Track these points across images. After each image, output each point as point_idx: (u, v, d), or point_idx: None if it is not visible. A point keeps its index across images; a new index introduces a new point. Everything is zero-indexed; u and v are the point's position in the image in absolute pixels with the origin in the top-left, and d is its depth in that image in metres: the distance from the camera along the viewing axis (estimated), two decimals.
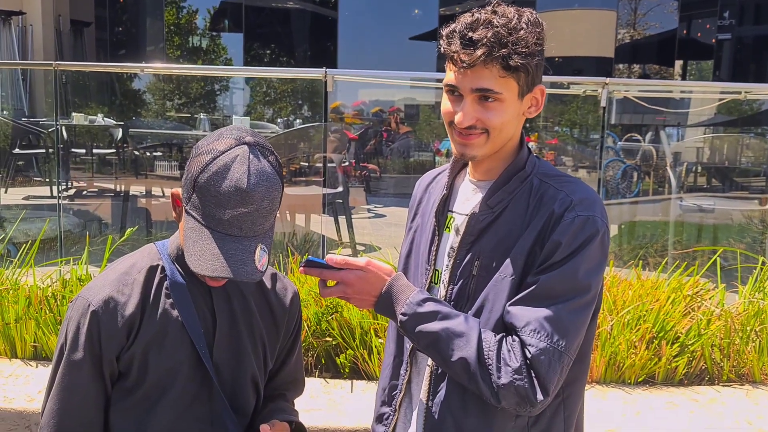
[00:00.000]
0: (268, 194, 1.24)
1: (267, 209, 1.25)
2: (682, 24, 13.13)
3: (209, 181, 1.22)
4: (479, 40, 1.23)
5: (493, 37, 1.23)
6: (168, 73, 11.10)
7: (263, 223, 1.26)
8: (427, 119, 11.41)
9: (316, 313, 2.74)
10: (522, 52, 1.24)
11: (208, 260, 1.22)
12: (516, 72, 1.26)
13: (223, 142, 1.25)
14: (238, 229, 1.23)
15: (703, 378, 2.78)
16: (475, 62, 1.24)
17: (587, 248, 1.28)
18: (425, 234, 1.47)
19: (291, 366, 1.59)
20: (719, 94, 5.53)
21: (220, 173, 1.22)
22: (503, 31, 1.23)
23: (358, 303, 1.35)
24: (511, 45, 1.23)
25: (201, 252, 1.23)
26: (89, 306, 1.32)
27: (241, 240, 1.24)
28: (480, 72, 1.25)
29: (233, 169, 1.22)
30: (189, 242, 1.25)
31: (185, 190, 1.28)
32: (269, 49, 13.41)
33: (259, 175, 1.23)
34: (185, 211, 1.28)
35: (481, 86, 1.26)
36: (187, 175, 1.27)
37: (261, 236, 1.26)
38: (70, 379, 1.33)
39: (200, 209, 1.24)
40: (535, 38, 1.27)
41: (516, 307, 1.28)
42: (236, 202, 1.22)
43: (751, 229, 5.36)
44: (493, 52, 1.23)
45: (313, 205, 4.98)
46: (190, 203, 1.26)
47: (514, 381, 1.23)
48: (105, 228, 5.44)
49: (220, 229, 1.23)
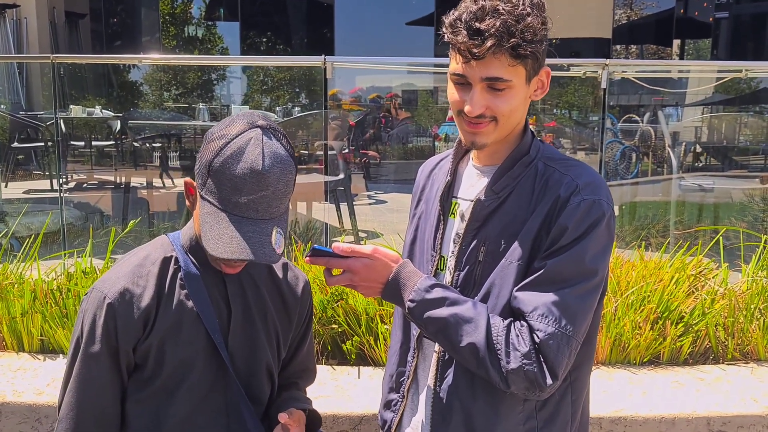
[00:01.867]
0: (283, 176, 1.25)
1: (282, 191, 1.26)
2: (679, 3, 13.06)
3: (224, 164, 1.23)
4: (487, 30, 1.21)
5: (502, 27, 1.21)
6: (166, 63, 11.05)
7: (279, 206, 1.26)
8: (425, 105, 11.37)
9: (322, 300, 2.75)
10: (530, 40, 1.23)
11: (226, 243, 1.22)
12: (525, 59, 1.25)
13: (236, 126, 1.26)
14: (254, 212, 1.24)
15: (708, 357, 2.79)
16: (485, 54, 1.22)
17: (594, 232, 1.28)
18: (430, 220, 1.47)
19: (303, 355, 1.60)
20: (717, 73, 5.50)
21: (235, 156, 1.22)
22: (511, 19, 1.21)
23: (365, 291, 1.36)
24: (520, 33, 1.22)
25: (219, 235, 1.23)
26: (105, 298, 1.32)
27: (258, 222, 1.24)
28: (489, 62, 1.23)
29: (248, 151, 1.23)
30: (206, 227, 1.25)
31: (200, 176, 1.28)
32: (266, 38, 13.34)
33: (274, 157, 1.24)
34: (200, 197, 1.28)
35: (491, 75, 1.24)
36: (200, 161, 1.28)
37: (277, 219, 1.27)
38: (87, 371, 1.34)
39: (216, 194, 1.25)
40: (540, 22, 1.25)
41: (523, 293, 1.28)
42: (252, 185, 1.22)
43: (752, 207, 5.36)
44: (502, 42, 1.21)
45: (314, 193, 4.98)
46: (205, 188, 1.27)
47: (524, 366, 1.24)
48: (107, 220, 5.44)
49: (237, 212, 1.24)
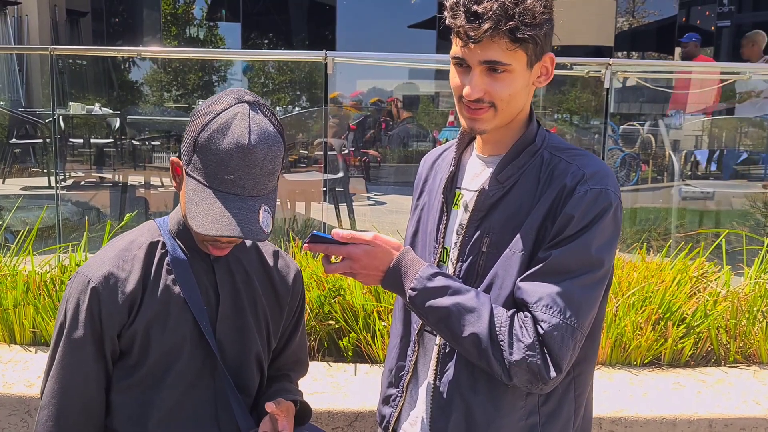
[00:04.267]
0: (271, 152, 1.21)
1: (270, 168, 1.21)
2: (681, 11, 13.07)
3: (210, 139, 1.19)
4: (485, 13, 1.19)
5: (499, 9, 1.19)
6: (166, 56, 11.02)
7: (266, 183, 1.22)
8: (426, 109, 11.36)
9: (319, 296, 2.71)
10: (529, 23, 1.20)
11: (211, 219, 1.18)
12: (524, 43, 1.22)
13: (223, 101, 1.22)
14: (240, 188, 1.20)
15: (710, 359, 2.76)
16: (482, 37, 1.20)
17: (600, 222, 1.25)
18: (433, 212, 1.44)
19: (295, 346, 1.56)
20: (720, 75, 5.48)
21: (221, 131, 1.18)
22: (509, 2, 1.19)
23: (364, 279, 1.32)
24: (518, 16, 1.19)
25: (204, 212, 1.19)
26: (89, 282, 1.28)
27: (245, 199, 1.20)
28: (487, 45, 1.21)
29: (234, 126, 1.18)
30: (191, 204, 1.21)
31: (185, 153, 1.24)
32: (267, 39, 13.34)
33: (261, 132, 1.20)
34: (186, 174, 1.24)
35: (490, 58, 1.22)
36: (186, 138, 1.23)
37: (264, 197, 1.22)
38: (70, 357, 1.30)
39: (201, 170, 1.21)
40: (542, 6, 1.23)
41: (527, 283, 1.25)
42: (238, 159, 1.18)
43: (754, 212, 5.33)
44: (499, 25, 1.19)
45: (313, 192, 4.95)
46: (191, 165, 1.22)
47: (527, 357, 1.20)
48: (103, 217, 5.40)
49: (223, 188, 1.20)
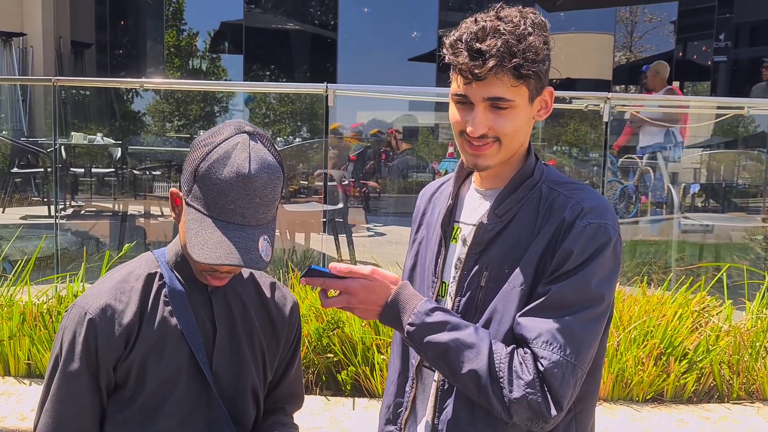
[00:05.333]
0: (270, 181, 1.21)
1: (269, 197, 1.21)
2: (678, 46, 13.24)
3: (210, 169, 1.19)
4: (488, 50, 1.19)
5: (503, 47, 1.19)
6: (167, 88, 11.13)
7: (266, 212, 1.22)
8: (426, 140, 11.45)
9: (317, 328, 2.70)
10: (532, 60, 1.21)
11: (211, 248, 1.18)
12: (527, 79, 1.22)
13: (223, 132, 1.23)
14: (240, 217, 1.20)
15: (713, 395, 2.73)
16: (486, 74, 1.20)
17: (600, 257, 1.24)
18: (431, 245, 1.43)
19: (290, 378, 1.54)
20: (716, 110, 5.53)
21: (221, 160, 1.19)
22: (512, 39, 1.20)
23: (362, 314, 1.30)
24: (521, 53, 1.20)
25: (204, 241, 1.19)
26: (86, 314, 1.27)
27: (245, 228, 1.20)
28: (491, 82, 1.21)
29: (234, 155, 1.19)
30: (191, 233, 1.21)
31: (185, 183, 1.24)
32: (269, 71, 13.48)
33: (261, 162, 1.20)
34: (186, 204, 1.24)
35: (494, 95, 1.22)
36: (186, 169, 1.24)
37: (264, 226, 1.22)
38: (65, 390, 1.28)
39: (202, 199, 1.21)
40: (542, 42, 1.24)
41: (527, 318, 1.24)
42: (238, 189, 1.18)
43: (754, 246, 5.33)
44: (504, 63, 1.19)
45: (313, 223, 4.95)
46: (191, 195, 1.23)
47: (527, 395, 1.18)
48: (102, 246, 5.40)
49: (223, 217, 1.20)
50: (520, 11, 1.25)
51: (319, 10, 13.30)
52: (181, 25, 13.62)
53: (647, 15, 13.16)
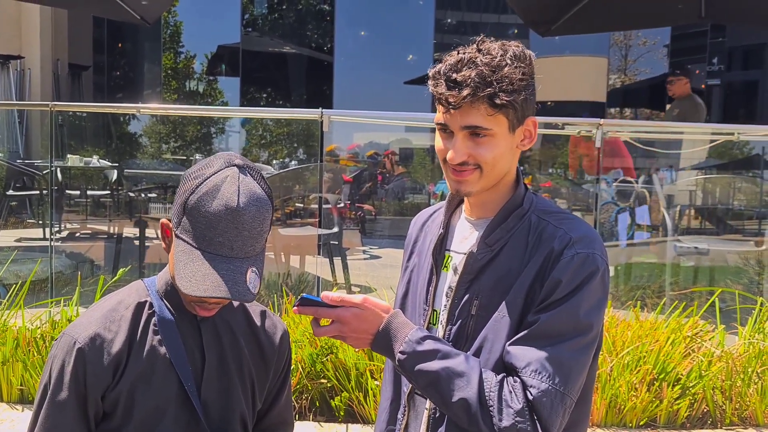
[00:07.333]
0: (259, 214, 1.23)
1: (258, 230, 1.23)
2: (672, 70, 13.39)
3: (199, 201, 1.21)
4: (463, 81, 1.23)
5: (477, 77, 1.23)
6: (164, 113, 11.17)
7: (254, 244, 1.24)
8: (422, 162, 11.48)
9: (311, 354, 2.69)
10: (507, 89, 1.24)
11: (199, 280, 1.19)
12: (504, 108, 1.25)
13: (213, 165, 1.25)
14: (229, 249, 1.21)
15: (706, 421, 2.73)
16: (461, 103, 1.24)
17: (587, 286, 1.26)
18: (422, 274, 1.45)
19: (280, 406, 1.55)
20: (710, 135, 5.58)
21: (210, 194, 1.21)
22: (486, 70, 1.23)
23: (354, 342, 1.32)
24: (496, 83, 1.23)
25: (192, 273, 1.20)
26: (75, 343, 1.28)
27: (233, 260, 1.21)
28: (467, 111, 1.25)
29: (223, 189, 1.21)
30: (179, 265, 1.22)
31: (175, 215, 1.26)
32: (266, 93, 13.55)
33: (250, 195, 1.22)
34: (175, 236, 1.26)
35: (470, 123, 1.26)
36: (176, 201, 1.26)
37: (252, 258, 1.24)
38: (53, 420, 1.28)
39: (191, 232, 1.22)
40: (520, 74, 1.26)
41: (516, 347, 1.25)
42: (227, 222, 1.20)
43: (748, 270, 5.35)
44: (477, 92, 1.23)
45: (307, 246, 4.95)
46: (180, 227, 1.24)
47: (517, 423, 1.19)
48: (97, 269, 5.38)
49: (211, 250, 1.21)
50: (503, 44, 1.29)
51: (315, 33, 13.41)
52: (178, 47, 13.70)
53: (641, 39, 13.30)
